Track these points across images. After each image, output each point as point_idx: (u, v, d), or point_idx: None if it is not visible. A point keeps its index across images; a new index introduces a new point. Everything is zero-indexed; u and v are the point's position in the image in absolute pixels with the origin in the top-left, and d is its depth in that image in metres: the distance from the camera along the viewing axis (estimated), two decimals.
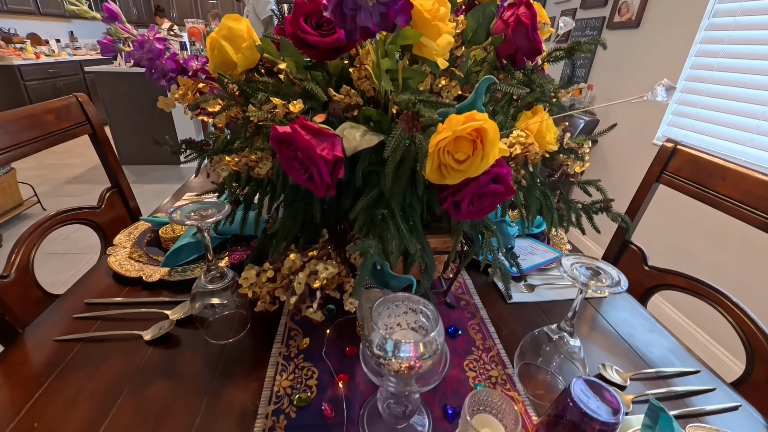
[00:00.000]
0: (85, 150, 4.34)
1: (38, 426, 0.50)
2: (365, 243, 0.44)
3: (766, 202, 0.68)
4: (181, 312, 0.68)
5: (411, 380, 0.40)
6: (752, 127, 1.61)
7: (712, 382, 0.60)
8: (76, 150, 4.34)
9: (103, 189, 1.03)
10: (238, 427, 0.51)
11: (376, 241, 0.44)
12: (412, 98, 0.47)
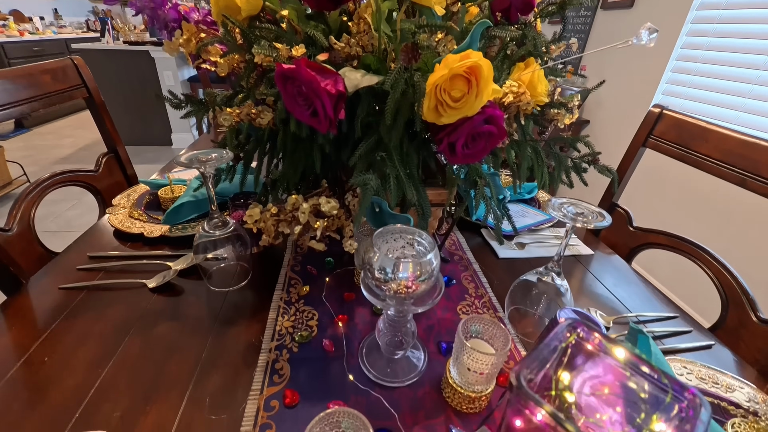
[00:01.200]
0: (74, 131, 4.27)
1: (49, 360, 0.52)
2: (365, 176, 0.46)
3: (743, 160, 0.72)
4: (185, 263, 0.70)
5: (408, 302, 0.43)
6: (745, 91, 1.64)
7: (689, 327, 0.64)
8: (65, 131, 4.27)
9: (100, 154, 1.03)
10: (242, 360, 0.53)
11: (375, 175, 0.47)
12: (411, 27, 0.48)
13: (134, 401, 0.47)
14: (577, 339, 0.25)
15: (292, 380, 0.50)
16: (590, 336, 0.25)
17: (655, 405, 0.23)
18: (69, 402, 0.47)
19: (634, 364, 0.24)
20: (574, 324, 0.26)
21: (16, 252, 0.72)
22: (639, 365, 0.24)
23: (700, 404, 0.21)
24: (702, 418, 0.20)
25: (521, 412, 0.23)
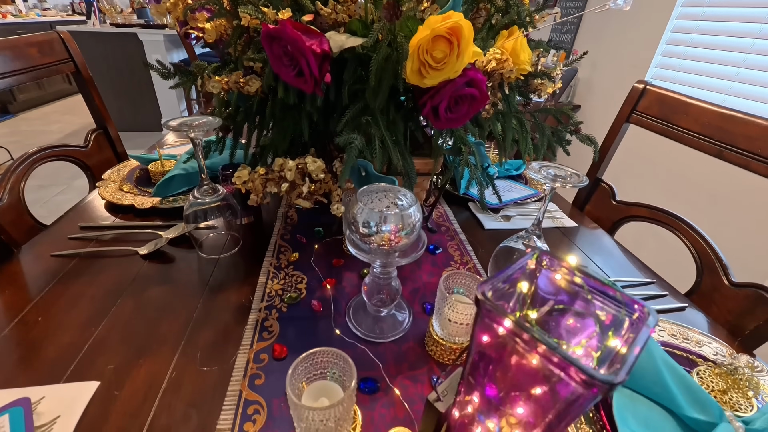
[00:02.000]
0: (61, 117, 4.20)
1: (42, 320, 0.54)
2: (350, 135, 0.47)
3: (720, 132, 0.74)
4: (176, 232, 0.71)
5: (393, 255, 0.45)
6: (732, 74, 1.67)
7: (664, 292, 0.67)
8: (52, 116, 4.20)
9: (89, 130, 1.03)
10: (233, 319, 0.55)
11: (360, 136, 0.48)
12: None
13: (127, 356, 0.49)
14: (540, 265, 0.27)
15: (281, 336, 0.51)
16: (554, 263, 0.27)
17: (612, 323, 0.26)
18: (63, 356, 0.48)
19: (593, 285, 0.26)
20: (541, 254, 0.28)
21: (7, 222, 0.72)
22: (598, 287, 0.26)
23: (648, 313, 0.23)
24: (648, 323, 0.22)
25: (488, 327, 0.25)
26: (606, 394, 0.18)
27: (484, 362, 0.27)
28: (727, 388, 0.45)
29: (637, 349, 0.20)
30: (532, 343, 0.21)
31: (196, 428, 0.41)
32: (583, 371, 0.18)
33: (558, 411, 0.23)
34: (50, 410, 0.41)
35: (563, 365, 0.19)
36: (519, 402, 0.27)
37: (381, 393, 0.45)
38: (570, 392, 0.21)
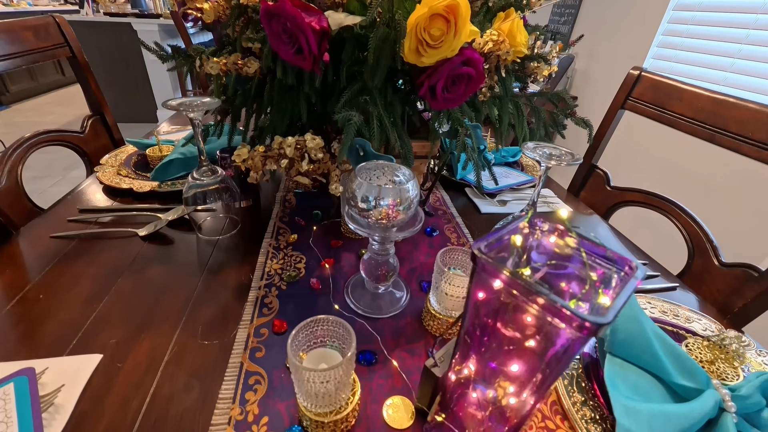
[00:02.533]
0: (55, 108, 4.16)
1: (43, 298, 0.54)
2: (349, 113, 0.48)
3: (713, 117, 0.75)
4: (175, 214, 0.71)
5: (391, 229, 0.46)
6: (727, 65, 1.68)
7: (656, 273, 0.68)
8: (45, 108, 4.16)
9: (86, 115, 1.03)
10: (233, 297, 0.56)
11: (358, 113, 0.49)
12: None
13: (129, 331, 0.49)
14: (533, 227, 0.28)
15: (280, 312, 0.52)
16: (546, 224, 0.28)
17: (602, 281, 0.27)
18: (65, 332, 0.49)
19: (585, 245, 0.27)
20: (533, 216, 0.29)
21: (5, 205, 0.73)
22: (589, 246, 0.27)
23: (636, 267, 0.24)
24: (636, 275, 0.23)
25: (484, 282, 0.26)
26: (595, 334, 0.19)
27: (480, 321, 0.28)
28: (714, 358, 0.47)
29: (624, 296, 0.21)
30: (526, 291, 0.22)
31: (199, 397, 0.42)
32: (574, 313, 0.19)
33: (549, 361, 0.24)
34: (54, 380, 0.42)
35: (555, 310, 0.20)
36: (513, 359, 0.28)
37: (379, 365, 0.46)
38: (561, 339, 0.22)
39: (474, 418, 0.36)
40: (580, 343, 0.21)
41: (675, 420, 0.36)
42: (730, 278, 0.66)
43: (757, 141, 0.68)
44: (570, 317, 0.20)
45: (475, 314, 0.28)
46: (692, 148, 1.74)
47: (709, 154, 1.67)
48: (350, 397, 0.38)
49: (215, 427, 0.38)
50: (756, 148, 0.68)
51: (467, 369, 0.33)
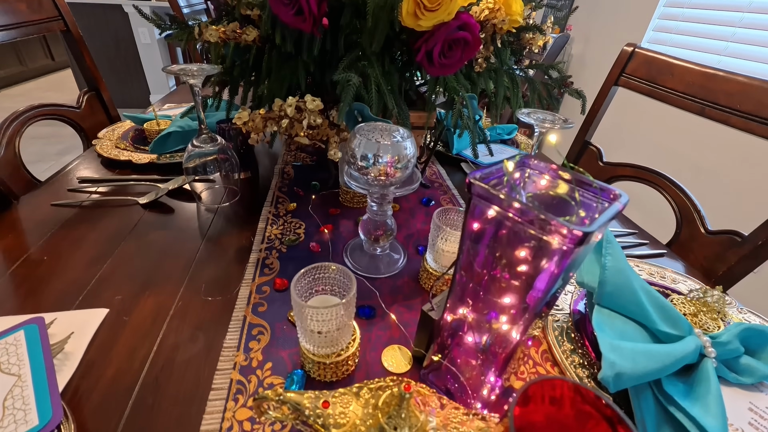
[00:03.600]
0: (44, 93, 4.10)
1: (48, 259, 0.55)
2: (347, 74, 0.49)
3: (703, 90, 0.77)
4: (175, 184, 0.72)
5: (389, 187, 0.47)
6: (720, 48, 1.70)
7: (646, 240, 0.70)
8: (35, 93, 4.09)
9: (82, 91, 1.02)
10: (235, 259, 0.57)
11: (357, 75, 0.49)
12: None
13: (133, 289, 0.51)
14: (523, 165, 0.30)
15: (281, 272, 0.54)
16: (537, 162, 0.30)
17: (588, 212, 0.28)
18: (71, 290, 0.50)
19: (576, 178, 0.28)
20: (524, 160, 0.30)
21: (5, 175, 0.73)
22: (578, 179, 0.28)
23: (620, 195, 0.26)
24: (621, 200, 0.25)
25: (478, 212, 0.27)
26: (581, 244, 0.21)
27: (474, 254, 0.30)
28: (697, 311, 0.49)
29: (608, 215, 0.23)
30: (519, 211, 0.23)
31: (204, 346, 0.43)
32: (563, 224, 0.21)
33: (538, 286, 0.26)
34: (62, 330, 0.43)
35: (546, 224, 0.22)
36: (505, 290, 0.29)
37: (378, 318, 0.48)
38: (551, 257, 0.24)
39: (468, 356, 0.38)
40: (568, 257, 0.23)
41: (657, 356, 0.38)
42: (716, 245, 0.69)
43: (744, 112, 0.70)
44: (559, 228, 0.21)
45: (470, 249, 0.29)
46: (683, 127, 1.78)
47: (699, 131, 1.71)
48: (350, 342, 0.40)
49: (221, 372, 0.40)
50: (744, 120, 0.70)
51: (462, 309, 0.35)
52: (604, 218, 0.22)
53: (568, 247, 0.22)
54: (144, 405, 0.37)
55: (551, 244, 0.23)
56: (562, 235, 0.22)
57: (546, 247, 0.23)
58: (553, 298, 0.29)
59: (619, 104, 1.06)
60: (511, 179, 0.28)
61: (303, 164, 0.85)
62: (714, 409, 0.37)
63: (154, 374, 0.40)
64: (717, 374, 0.42)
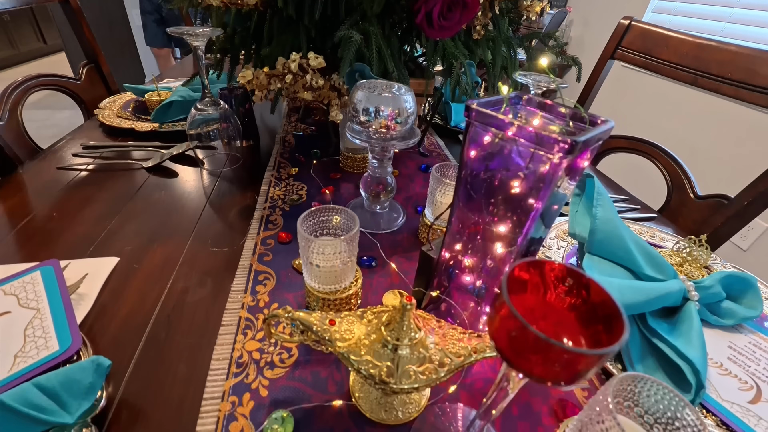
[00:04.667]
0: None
1: (57, 215, 0.57)
2: (349, 32, 0.50)
3: (696, 61, 0.78)
4: (179, 149, 0.73)
5: (390, 141, 0.49)
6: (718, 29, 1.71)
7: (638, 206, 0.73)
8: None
9: (81, 63, 1.02)
10: (239, 216, 0.59)
11: (358, 34, 0.51)
12: None
13: (142, 242, 0.52)
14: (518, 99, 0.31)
15: (284, 227, 0.56)
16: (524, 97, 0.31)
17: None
18: (81, 242, 0.52)
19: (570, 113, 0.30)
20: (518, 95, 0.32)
21: (9, 140, 0.74)
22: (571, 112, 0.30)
23: (606, 120, 0.27)
24: (609, 124, 0.27)
25: (476, 138, 0.29)
26: (572, 152, 0.23)
27: (472, 182, 0.31)
28: (682, 261, 0.51)
29: (596, 132, 0.25)
30: (517, 128, 0.25)
31: (212, 290, 0.45)
32: (555, 135, 0.23)
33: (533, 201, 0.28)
34: (76, 274, 0.45)
35: (541, 137, 0.24)
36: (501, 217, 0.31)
37: (378, 267, 0.50)
38: (545, 171, 0.26)
39: (466, 298, 0.40)
40: (558, 170, 0.25)
41: (642, 290, 0.40)
42: (704, 209, 0.71)
43: (735, 81, 0.72)
44: (554, 139, 0.23)
45: (467, 180, 0.31)
46: (676, 98, 1.81)
47: (691, 102, 1.75)
48: (353, 282, 0.42)
49: (229, 311, 0.42)
50: (734, 88, 0.72)
51: (458, 245, 0.37)
52: (592, 133, 0.24)
53: (560, 158, 0.24)
54: (157, 338, 0.39)
55: (543, 158, 0.25)
56: (555, 144, 0.23)
57: (539, 162, 0.25)
58: (540, 238, 0.31)
59: (615, 84, 1.08)
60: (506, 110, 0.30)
61: (303, 134, 0.87)
62: (695, 342, 0.40)
63: (166, 313, 0.42)
64: (699, 317, 0.44)
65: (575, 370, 0.16)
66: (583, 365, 0.16)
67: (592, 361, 0.16)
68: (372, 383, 0.29)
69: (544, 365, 0.17)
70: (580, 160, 0.27)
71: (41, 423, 0.27)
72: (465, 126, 0.29)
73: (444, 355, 0.30)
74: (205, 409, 0.33)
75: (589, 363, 0.16)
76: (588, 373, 0.17)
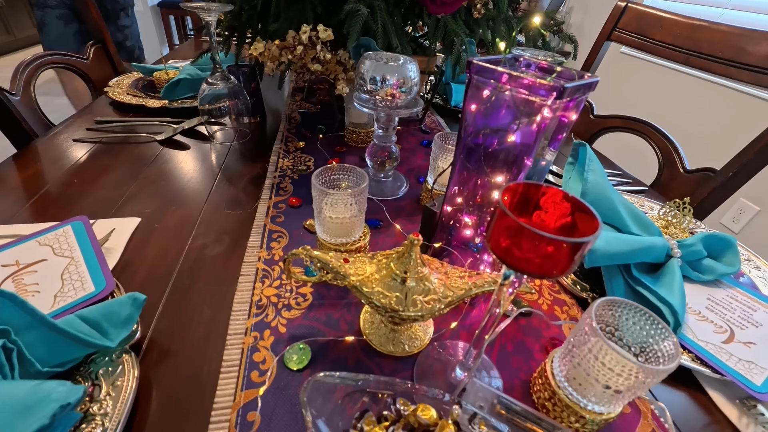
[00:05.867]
0: None
1: (78, 181, 0.60)
2: (355, 5, 0.52)
3: (688, 41, 0.81)
4: (189, 124, 0.76)
5: (394, 109, 0.52)
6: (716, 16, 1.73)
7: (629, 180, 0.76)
8: None
9: (89, 42, 1.04)
10: (251, 184, 0.62)
11: (365, 7, 0.53)
12: None
13: (160, 204, 0.55)
14: (515, 60, 0.34)
15: (294, 193, 0.59)
16: (520, 57, 0.34)
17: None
18: (102, 205, 0.55)
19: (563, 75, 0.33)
20: (515, 54, 0.35)
21: (24, 114, 0.76)
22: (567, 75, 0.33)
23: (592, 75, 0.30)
24: (594, 78, 0.30)
25: (477, 91, 0.32)
26: (562, 96, 0.26)
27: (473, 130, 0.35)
28: (667, 224, 0.55)
29: (583, 81, 0.28)
30: (514, 78, 0.28)
31: (229, 246, 0.48)
32: (546, 81, 0.26)
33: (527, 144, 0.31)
34: (102, 230, 0.48)
35: (536, 84, 0.27)
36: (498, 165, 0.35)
37: (384, 228, 0.53)
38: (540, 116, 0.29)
39: (466, 253, 0.43)
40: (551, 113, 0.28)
41: (627, 242, 0.44)
42: (693, 182, 0.75)
43: (725, 59, 0.74)
44: (546, 85, 0.26)
45: (467, 132, 0.34)
46: (670, 82, 1.84)
47: (684, 86, 1.78)
48: (362, 236, 0.45)
49: (247, 264, 0.45)
50: (724, 66, 0.75)
51: (460, 198, 0.40)
52: (579, 83, 0.27)
53: (553, 102, 0.27)
54: (182, 286, 0.42)
55: (536, 105, 0.28)
56: (547, 89, 0.26)
57: (533, 107, 0.28)
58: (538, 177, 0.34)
59: (613, 69, 1.10)
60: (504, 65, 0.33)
61: (309, 111, 0.89)
62: (676, 291, 0.43)
63: (189, 265, 0.45)
64: (681, 273, 0.48)
65: (560, 259, 0.20)
66: (564, 253, 0.20)
67: (573, 248, 0.19)
68: (383, 312, 0.32)
69: (534, 257, 0.20)
70: (567, 114, 0.31)
71: (88, 345, 0.31)
72: (466, 82, 0.32)
73: (447, 289, 0.33)
74: (230, 342, 0.36)
75: (570, 250, 0.19)
76: (572, 264, 0.20)
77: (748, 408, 0.36)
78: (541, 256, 0.20)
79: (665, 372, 0.25)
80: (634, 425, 0.34)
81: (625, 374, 0.26)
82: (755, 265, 0.54)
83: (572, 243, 0.19)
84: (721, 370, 0.38)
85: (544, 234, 0.19)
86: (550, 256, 0.20)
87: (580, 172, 0.53)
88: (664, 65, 1.84)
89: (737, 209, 1.61)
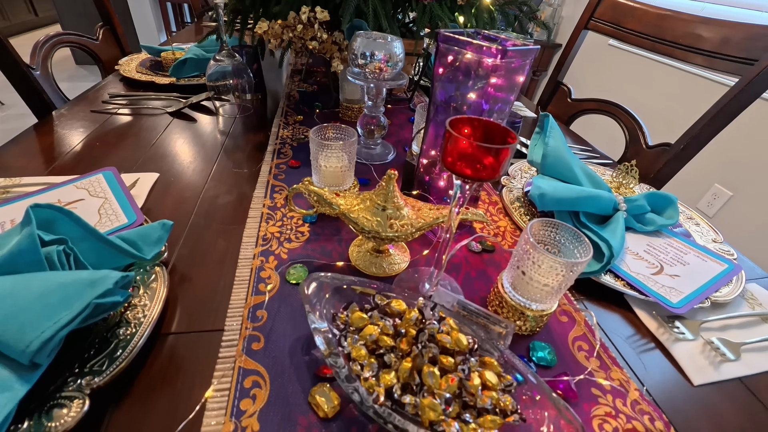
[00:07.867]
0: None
1: (99, 144, 0.67)
2: None
3: (656, 29, 0.89)
4: (199, 98, 0.83)
5: (382, 81, 0.59)
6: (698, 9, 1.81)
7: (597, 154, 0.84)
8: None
9: (98, 24, 1.10)
10: (254, 149, 0.69)
11: None
12: None
13: (174, 165, 0.63)
14: (477, 34, 0.42)
15: (294, 156, 0.66)
16: (481, 32, 0.42)
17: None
18: (123, 163, 0.62)
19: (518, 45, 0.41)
20: (478, 30, 0.43)
21: (44, 87, 0.83)
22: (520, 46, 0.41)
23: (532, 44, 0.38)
24: (534, 46, 0.37)
25: (444, 56, 0.40)
26: (504, 56, 0.34)
27: (442, 91, 0.42)
28: (618, 186, 0.63)
29: (523, 47, 0.35)
30: (475, 46, 0.36)
31: (238, 196, 0.56)
32: (492, 47, 0.34)
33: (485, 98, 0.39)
34: (128, 180, 0.55)
35: (483, 47, 0.35)
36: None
37: (372, 186, 0.61)
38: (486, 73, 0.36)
39: (439, 197, 0.51)
40: (500, 70, 0.36)
41: (575, 190, 0.52)
42: (652, 156, 0.83)
43: (684, 45, 0.82)
44: (492, 48, 0.34)
45: (439, 88, 0.42)
46: (641, 70, 1.94)
47: (653, 73, 1.88)
48: (352, 187, 0.53)
49: (254, 209, 0.53)
50: (683, 51, 0.82)
51: (433, 150, 0.48)
52: (518, 48, 0.35)
53: (500, 60, 0.35)
54: (198, 225, 0.50)
55: (485, 64, 0.36)
56: (493, 53, 0.34)
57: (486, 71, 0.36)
58: None
59: (593, 58, 1.18)
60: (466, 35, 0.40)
61: (306, 91, 0.96)
62: (617, 235, 0.51)
63: (204, 209, 0.53)
64: (625, 224, 0.56)
65: (493, 163, 0.28)
66: (495, 157, 0.27)
67: (501, 153, 0.27)
68: (367, 234, 0.40)
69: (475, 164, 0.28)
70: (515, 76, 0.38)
71: (129, 255, 0.38)
72: (434, 50, 0.39)
73: (418, 218, 0.41)
74: (241, 264, 0.44)
75: (499, 155, 0.27)
76: (502, 167, 0.28)
77: (669, 324, 0.44)
78: (478, 161, 0.28)
79: (582, 264, 0.33)
80: (569, 330, 0.42)
81: (555, 272, 0.34)
82: (696, 222, 0.63)
83: (495, 149, 0.27)
84: (645, 292, 0.46)
85: (479, 144, 0.27)
86: (481, 161, 0.28)
87: (542, 139, 0.61)
88: (644, 55, 1.92)
89: (712, 194, 1.70)
